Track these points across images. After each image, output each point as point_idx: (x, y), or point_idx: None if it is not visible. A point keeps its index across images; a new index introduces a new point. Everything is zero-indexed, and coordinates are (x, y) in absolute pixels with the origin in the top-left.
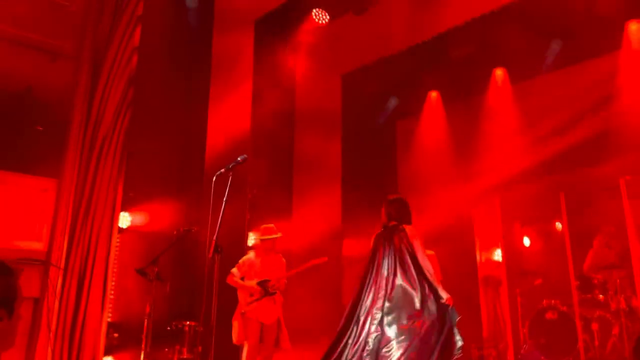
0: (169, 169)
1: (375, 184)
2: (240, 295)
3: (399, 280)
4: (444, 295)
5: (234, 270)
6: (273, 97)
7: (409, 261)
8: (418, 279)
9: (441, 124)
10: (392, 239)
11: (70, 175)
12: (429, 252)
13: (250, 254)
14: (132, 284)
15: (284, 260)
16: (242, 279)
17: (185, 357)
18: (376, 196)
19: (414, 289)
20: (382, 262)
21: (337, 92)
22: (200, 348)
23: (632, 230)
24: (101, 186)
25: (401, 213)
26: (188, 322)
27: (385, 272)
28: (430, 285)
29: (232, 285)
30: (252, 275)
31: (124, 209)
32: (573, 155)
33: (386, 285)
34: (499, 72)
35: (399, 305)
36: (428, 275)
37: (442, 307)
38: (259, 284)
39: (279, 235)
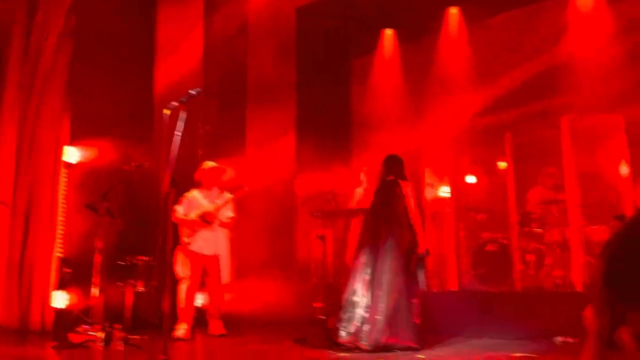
0: (118, 102)
1: (330, 122)
2: (182, 229)
3: (388, 242)
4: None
5: (177, 207)
6: (225, 32)
7: (397, 218)
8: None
9: (396, 63)
10: (387, 194)
11: (11, 110)
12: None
13: (194, 192)
14: (83, 220)
15: (229, 195)
16: (186, 215)
17: (139, 291)
18: (330, 133)
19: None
20: (376, 219)
21: (291, 27)
22: (155, 282)
23: (570, 169)
24: (45, 121)
25: (397, 169)
26: (142, 257)
27: (377, 232)
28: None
29: (175, 221)
30: (193, 211)
31: (71, 144)
32: (520, 97)
33: (376, 246)
34: (453, 11)
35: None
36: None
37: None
38: (199, 216)
39: (213, 165)
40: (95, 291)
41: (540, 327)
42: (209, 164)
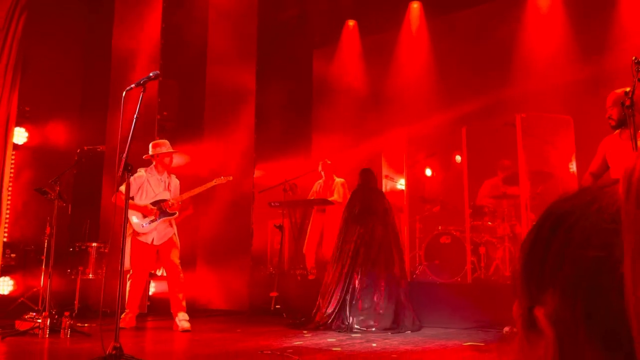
0: (71, 82)
1: (290, 111)
2: (133, 216)
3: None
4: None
5: (122, 188)
6: (186, 17)
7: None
8: None
9: (357, 54)
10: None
11: None
12: (339, 179)
13: (141, 172)
14: (31, 204)
15: (177, 180)
16: (132, 198)
17: (89, 278)
18: (289, 122)
19: None
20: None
21: (253, 16)
22: (105, 269)
23: (522, 164)
24: None
25: (374, 183)
26: (93, 244)
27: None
28: None
29: (120, 205)
30: (143, 195)
31: (19, 124)
32: (477, 92)
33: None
34: (415, 5)
35: None
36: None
37: None
38: (154, 204)
39: (169, 146)
40: (43, 278)
41: (489, 318)
42: (167, 144)
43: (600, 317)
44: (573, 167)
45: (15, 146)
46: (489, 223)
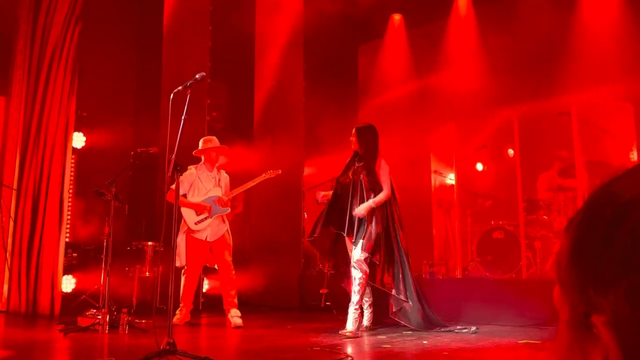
0: (125, 87)
1: (337, 109)
2: (186, 213)
3: None
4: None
5: (174, 187)
6: (233, 18)
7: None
8: None
9: (403, 49)
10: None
11: (19, 93)
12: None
13: (192, 169)
14: (90, 205)
15: (227, 176)
16: (185, 196)
17: (146, 276)
18: (337, 119)
19: None
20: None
21: (299, 15)
22: (161, 267)
23: (579, 155)
24: (52, 104)
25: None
26: (149, 243)
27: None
28: None
29: (173, 202)
30: (195, 192)
31: (77, 129)
32: (530, 82)
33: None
34: None
35: None
36: None
37: None
38: (207, 201)
39: (217, 141)
40: (103, 276)
41: (545, 315)
42: (213, 140)
43: None
44: (634, 156)
45: (74, 150)
46: (545, 217)
